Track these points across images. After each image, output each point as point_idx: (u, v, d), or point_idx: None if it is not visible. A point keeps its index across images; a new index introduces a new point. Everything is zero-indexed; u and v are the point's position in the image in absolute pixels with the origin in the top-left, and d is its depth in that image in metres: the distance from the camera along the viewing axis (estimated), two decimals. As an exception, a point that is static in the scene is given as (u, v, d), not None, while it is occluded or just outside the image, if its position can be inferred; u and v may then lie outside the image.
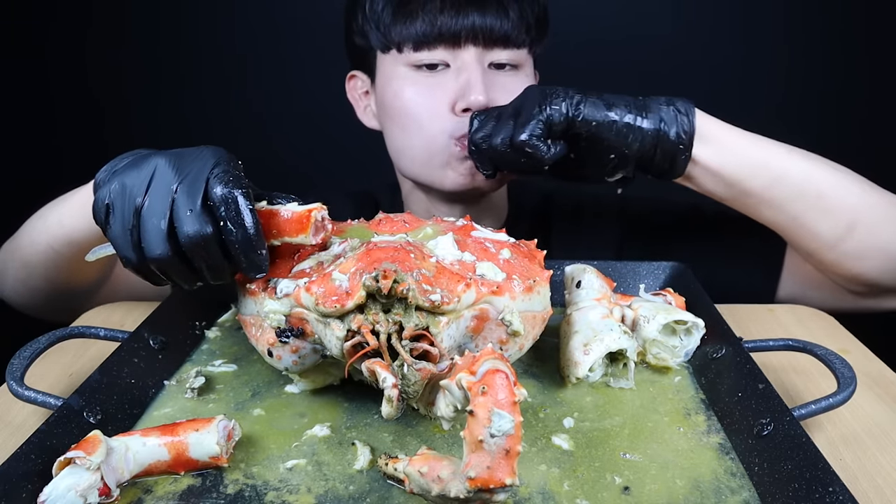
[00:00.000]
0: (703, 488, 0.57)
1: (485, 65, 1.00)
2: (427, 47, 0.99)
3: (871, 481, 0.60)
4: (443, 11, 0.96)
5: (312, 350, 0.65)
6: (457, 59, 0.99)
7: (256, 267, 0.63)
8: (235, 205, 0.60)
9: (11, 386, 0.64)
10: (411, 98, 1.01)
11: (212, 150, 0.65)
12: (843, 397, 0.63)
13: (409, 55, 1.00)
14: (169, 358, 0.76)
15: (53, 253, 0.91)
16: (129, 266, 0.65)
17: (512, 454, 0.47)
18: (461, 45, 0.98)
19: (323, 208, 0.64)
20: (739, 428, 0.63)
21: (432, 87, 1.00)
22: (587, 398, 0.71)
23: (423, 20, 0.97)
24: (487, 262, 0.66)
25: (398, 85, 1.02)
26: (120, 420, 0.65)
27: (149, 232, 0.61)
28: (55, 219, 0.90)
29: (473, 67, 0.98)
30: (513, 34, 0.99)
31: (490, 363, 0.49)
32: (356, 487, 0.57)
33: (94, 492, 0.53)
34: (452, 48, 0.99)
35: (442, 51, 0.99)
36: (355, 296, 0.58)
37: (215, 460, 0.58)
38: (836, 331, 0.91)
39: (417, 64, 1.00)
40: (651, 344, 0.76)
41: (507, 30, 0.98)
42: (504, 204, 1.22)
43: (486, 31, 0.97)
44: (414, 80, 1.01)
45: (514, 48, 1.00)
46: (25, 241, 0.95)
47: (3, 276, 1.02)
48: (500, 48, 0.99)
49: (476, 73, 0.97)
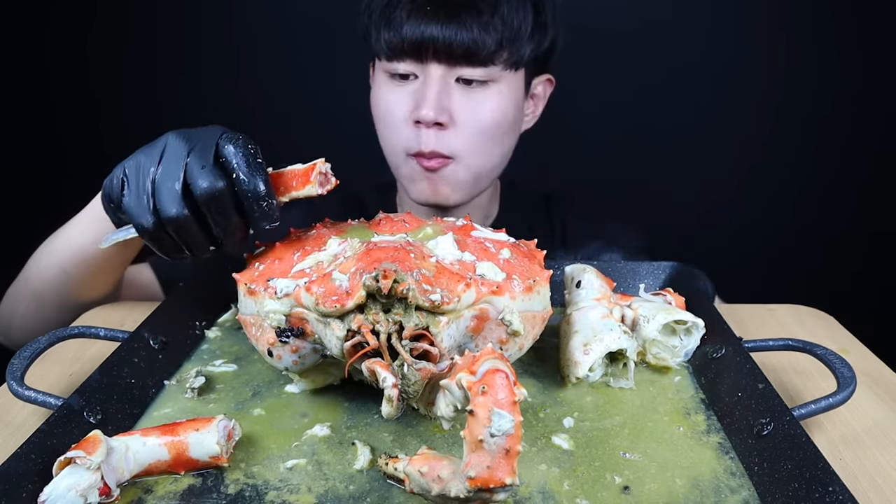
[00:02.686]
0: (703, 488, 0.57)
1: (451, 79, 1.00)
2: (396, 58, 1.00)
3: (870, 481, 0.60)
4: (408, 23, 0.97)
5: (312, 350, 0.65)
6: (424, 71, 1.00)
7: (268, 215, 0.65)
8: (245, 157, 0.64)
9: (12, 386, 0.65)
10: (383, 106, 1.05)
11: (218, 126, 0.68)
12: (842, 397, 0.63)
13: (385, 63, 1.03)
14: (169, 358, 0.76)
15: (65, 275, 0.93)
16: (146, 234, 0.66)
17: (512, 454, 0.47)
18: (426, 59, 0.99)
19: (326, 163, 0.68)
20: (739, 427, 0.63)
21: (399, 97, 1.02)
22: (587, 398, 0.71)
23: (392, 30, 0.98)
24: (487, 261, 0.66)
25: (377, 90, 1.07)
26: (120, 420, 0.65)
27: (164, 194, 0.64)
28: (63, 241, 0.93)
29: (433, 82, 0.99)
30: (477, 51, 0.97)
31: (490, 363, 0.49)
32: (356, 487, 0.57)
33: (94, 491, 0.53)
34: (419, 61, 1.00)
35: (410, 62, 1.00)
36: (355, 295, 0.58)
37: (215, 460, 0.58)
38: (836, 331, 0.91)
39: (392, 72, 1.02)
40: (651, 344, 0.76)
41: (470, 46, 0.97)
42: (493, 205, 1.24)
43: (446, 46, 0.96)
44: (388, 88, 1.04)
45: (479, 66, 0.99)
46: (34, 273, 0.97)
47: (10, 321, 1.03)
48: (462, 65, 0.99)
49: (432, 88, 0.98)
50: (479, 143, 1.03)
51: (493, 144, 1.05)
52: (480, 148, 1.03)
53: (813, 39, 1.92)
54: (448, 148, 1.01)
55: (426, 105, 0.98)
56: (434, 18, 0.96)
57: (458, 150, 1.02)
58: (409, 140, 1.02)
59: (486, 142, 1.03)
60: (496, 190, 1.24)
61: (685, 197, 2.10)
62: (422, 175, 1.04)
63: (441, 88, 0.99)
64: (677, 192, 2.09)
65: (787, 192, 2.09)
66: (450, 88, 1.00)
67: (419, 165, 1.03)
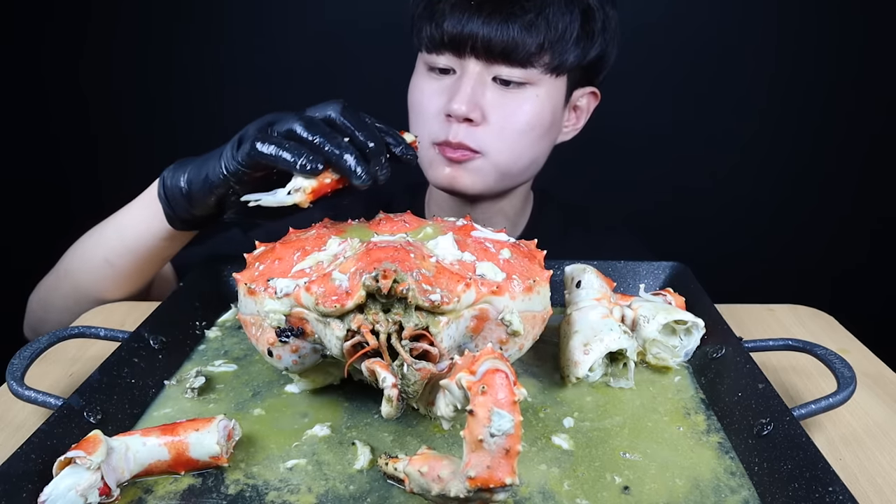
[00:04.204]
0: (703, 487, 0.57)
1: (487, 77, 0.99)
2: (436, 51, 1.00)
3: (870, 481, 0.60)
4: (450, 16, 0.97)
5: (312, 350, 0.65)
6: (461, 67, 1.00)
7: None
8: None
9: (12, 386, 0.65)
10: (418, 96, 1.05)
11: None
12: (842, 397, 0.63)
13: (425, 55, 1.03)
14: (169, 358, 0.76)
15: (110, 268, 0.94)
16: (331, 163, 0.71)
17: (512, 454, 0.47)
18: (464, 54, 0.98)
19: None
20: (739, 427, 0.63)
21: (435, 90, 1.02)
22: (587, 398, 0.71)
23: (435, 23, 0.98)
24: (487, 262, 0.66)
25: (416, 80, 1.07)
26: (120, 420, 0.65)
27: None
28: (113, 232, 0.94)
29: (468, 77, 0.98)
30: (516, 50, 0.96)
31: (490, 363, 0.49)
32: (356, 487, 0.57)
33: (94, 491, 0.53)
34: (458, 56, 0.99)
35: (449, 56, 1.00)
36: (355, 295, 0.58)
37: (216, 460, 0.58)
38: (836, 331, 0.91)
39: (432, 65, 1.03)
40: (651, 344, 0.76)
41: (509, 45, 0.96)
42: (522, 216, 1.22)
43: (485, 43, 0.96)
44: (426, 80, 1.04)
45: (518, 66, 0.98)
46: (75, 265, 0.98)
47: (44, 316, 1.03)
48: (501, 64, 0.98)
49: (467, 84, 0.98)
50: (509, 143, 1.01)
51: (523, 146, 1.03)
52: (509, 147, 1.02)
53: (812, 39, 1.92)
54: (476, 142, 1.00)
55: (458, 100, 0.97)
56: (476, 14, 0.95)
57: (486, 145, 1.01)
58: (438, 131, 1.01)
59: (516, 142, 1.02)
60: (528, 200, 1.23)
61: (686, 197, 2.10)
62: (442, 161, 1.03)
63: (476, 85, 0.98)
64: (677, 192, 2.09)
65: (787, 192, 2.10)
66: (485, 86, 0.99)
67: (442, 154, 1.02)
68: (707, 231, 2.12)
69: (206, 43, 1.97)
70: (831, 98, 1.97)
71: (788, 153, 2.05)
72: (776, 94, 1.98)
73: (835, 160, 2.05)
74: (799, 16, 1.90)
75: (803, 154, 2.05)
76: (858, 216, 2.11)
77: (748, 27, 1.93)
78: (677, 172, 2.07)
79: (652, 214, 2.10)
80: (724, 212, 2.11)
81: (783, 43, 1.93)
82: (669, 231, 2.08)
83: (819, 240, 2.14)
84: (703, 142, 2.04)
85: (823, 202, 2.10)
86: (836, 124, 2.01)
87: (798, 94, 1.97)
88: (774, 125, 2.02)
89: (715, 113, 2.00)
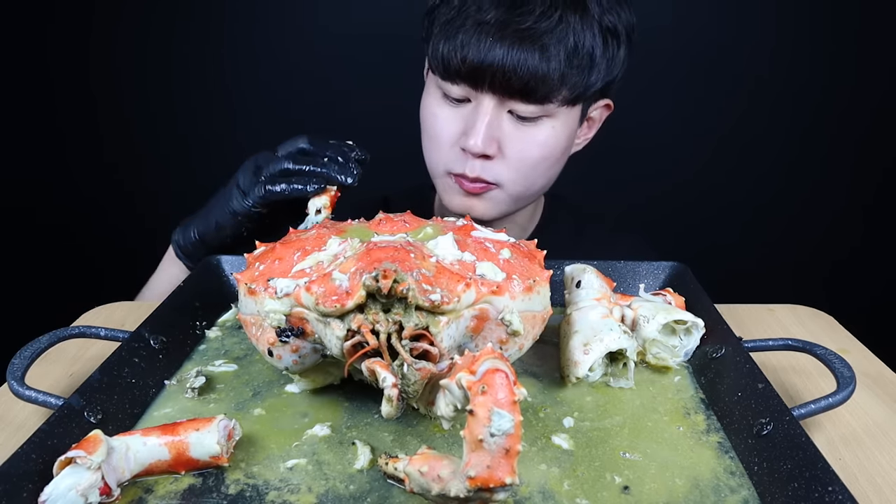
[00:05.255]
0: (703, 487, 0.57)
1: (503, 110, 0.97)
2: (451, 80, 0.98)
3: (870, 481, 0.61)
4: (469, 47, 0.93)
5: (312, 350, 0.65)
6: (477, 98, 0.98)
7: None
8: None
9: (12, 385, 0.65)
10: (431, 120, 1.03)
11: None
12: (842, 397, 0.63)
13: (439, 80, 1.00)
14: (169, 358, 0.76)
15: None
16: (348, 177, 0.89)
17: (512, 453, 0.47)
18: (481, 88, 0.96)
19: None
20: (739, 427, 0.63)
21: (449, 119, 1.01)
22: (587, 398, 0.71)
23: (452, 52, 0.95)
24: (487, 261, 0.66)
25: (428, 101, 1.05)
26: (120, 420, 0.65)
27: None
28: (153, 294, 1.06)
29: (483, 112, 0.97)
30: (536, 89, 0.93)
31: (490, 362, 0.49)
32: (357, 487, 0.57)
33: (94, 491, 0.53)
34: (474, 88, 0.97)
35: (465, 87, 0.97)
36: (355, 295, 0.58)
37: (216, 460, 0.58)
38: (835, 331, 0.91)
39: (445, 92, 1.00)
40: (651, 344, 0.76)
41: (528, 83, 0.93)
42: (532, 221, 1.23)
43: (504, 79, 0.93)
44: (440, 105, 1.02)
45: (535, 104, 0.96)
46: None
47: None
48: (518, 100, 0.96)
49: (483, 119, 0.96)
50: (524, 173, 1.02)
51: (539, 174, 1.04)
52: (526, 178, 1.02)
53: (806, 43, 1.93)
54: (493, 176, 1.01)
55: (475, 135, 0.96)
56: (496, 48, 0.91)
57: (502, 178, 1.01)
58: (454, 162, 1.02)
59: (532, 173, 1.02)
60: (538, 205, 1.24)
61: (686, 197, 2.10)
62: (458, 191, 1.04)
63: (492, 119, 0.97)
64: (677, 193, 2.09)
65: (787, 193, 2.10)
66: (501, 119, 0.97)
67: (458, 185, 1.03)
68: (707, 231, 2.13)
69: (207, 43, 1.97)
70: (831, 98, 1.97)
71: (790, 153, 2.05)
72: (776, 94, 1.98)
73: (837, 161, 2.05)
74: (793, 16, 1.90)
75: (805, 154, 2.05)
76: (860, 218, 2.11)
77: (744, 28, 1.93)
78: (677, 172, 2.07)
79: (652, 214, 2.10)
80: (724, 212, 2.12)
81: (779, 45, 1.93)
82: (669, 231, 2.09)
83: (819, 239, 2.14)
84: (705, 144, 2.04)
85: (824, 202, 2.10)
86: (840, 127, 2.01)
87: (798, 95, 1.97)
88: (775, 125, 2.02)
89: (715, 113, 2.01)
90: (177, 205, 2.13)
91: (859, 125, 1.99)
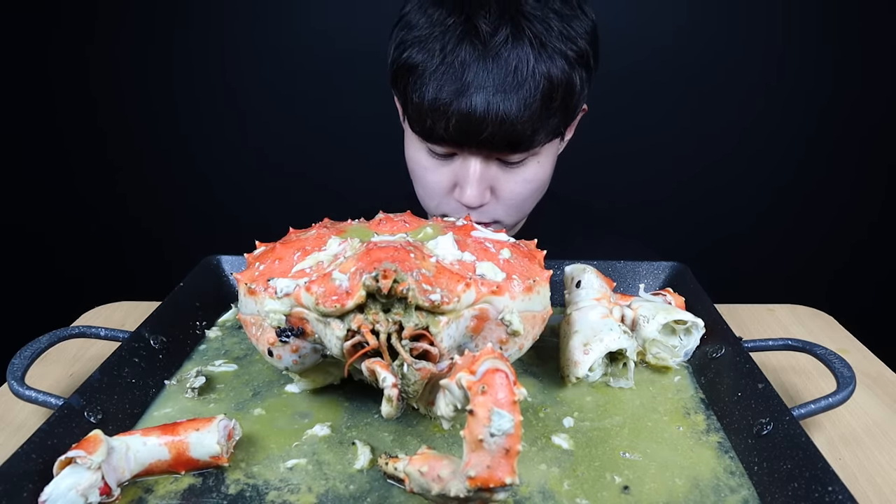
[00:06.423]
0: (703, 487, 0.57)
1: (491, 160, 0.96)
2: (434, 143, 0.96)
3: (869, 480, 0.61)
4: (450, 114, 0.89)
5: (312, 350, 0.65)
6: (463, 152, 0.96)
7: None
8: None
9: (12, 385, 0.65)
10: (420, 173, 1.03)
11: None
12: (842, 397, 0.63)
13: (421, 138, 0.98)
14: (169, 358, 0.76)
15: None
16: None
17: (512, 453, 0.47)
18: (467, 148, 0.94)
19: None
20: (739, 427, 0.63)
21: (437, 168, 1.00)
22: (587, 398, 0.71)
23: (433, 121, 0.91)
24: (487, 261, 0.66)
25: (415, 154, 1.02)
26: (120, 420, 0.65)
27: None
28: None
29: (473, 169, 0.95)
30: (522, 143, 0.92)
31: (490, 362, 0.49)
32: (357, 487, 0.57)
33: (94, 491, 0.53)
34: (459, 148, 0.95)
35: (450, 146, 0.95)
36: (355, 295, 0.58)
37: (216, 460, 0.58)
38: (835, 331, 0.91)
39: (430, 148, 0.98)
40: (651, 344, 0.76)
41: (513, 142, 0.91)
42: None
43: (490, 139, 0.90)
44: (426, 157, 1.00)
45: (521, 153, 0.95)
46: None
47: None
48: (506, 153, 0.94)
49: (474, 176, 0.96)
50: (518, 207, 1.03)
51: (532, 201, 1.05)
52: (519, 210, 1.04)
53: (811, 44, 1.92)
54: (489, 217, 1.02)
55: (469, 190, 0.96)
56: (477, 109, 0.88)
57: (498, 216, 1.03)
58: (450, 209, 1.03)
59: (525, 204, 1.04)
60: None
61: (686, 197, 2.10)
62: None
63: (483, 172, 0.96)
64: (677, 193, 2.09)
65: (787, 192, 2.10)
66: (490, 168, 0.97)
67: None
68: (707, 231, 2.13)
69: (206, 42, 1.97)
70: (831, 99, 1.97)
71: (790, 153, 2.05)
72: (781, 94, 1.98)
73: (838, 161, 2.05)
74: (799, 21, 1.90)
75: (805, 153, 2.05)
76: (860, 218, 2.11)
77: (749, 33, 1.93)
78: (677, 172, 2.07)
79: (652, 214, 2.10)
80: (724, 212, 2.12)
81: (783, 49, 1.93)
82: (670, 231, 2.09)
83: (819, 240, 2.14)
84: (705, 144, 2.04)
85: (824, 202, 2.10)
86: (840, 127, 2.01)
87: (798, 95, 1.97)
88: (774, 125, 2.02)
89: (715, 113, 2.01)
90: (177, 205, 2.14)
91: (864, 126, 2.00)
